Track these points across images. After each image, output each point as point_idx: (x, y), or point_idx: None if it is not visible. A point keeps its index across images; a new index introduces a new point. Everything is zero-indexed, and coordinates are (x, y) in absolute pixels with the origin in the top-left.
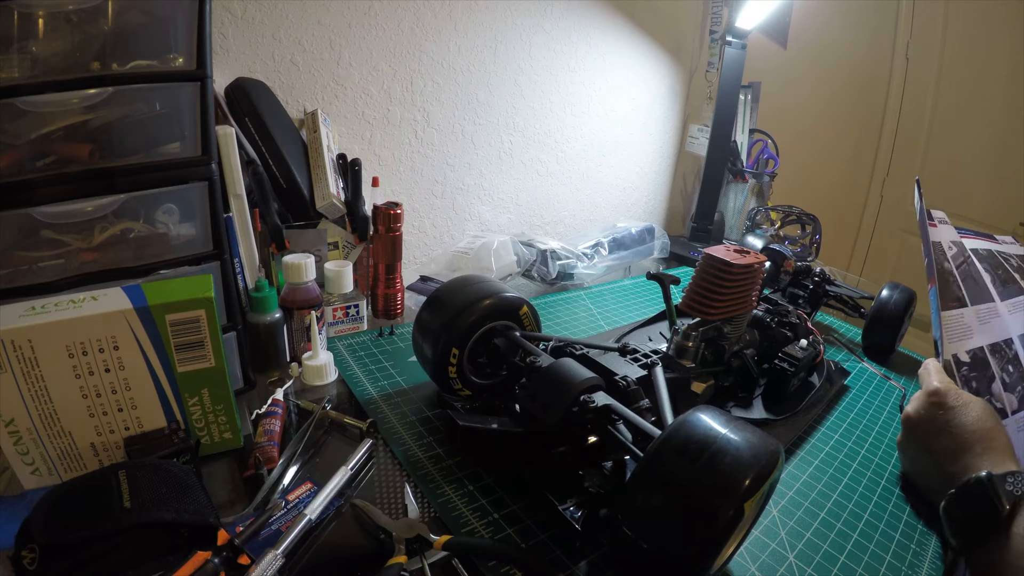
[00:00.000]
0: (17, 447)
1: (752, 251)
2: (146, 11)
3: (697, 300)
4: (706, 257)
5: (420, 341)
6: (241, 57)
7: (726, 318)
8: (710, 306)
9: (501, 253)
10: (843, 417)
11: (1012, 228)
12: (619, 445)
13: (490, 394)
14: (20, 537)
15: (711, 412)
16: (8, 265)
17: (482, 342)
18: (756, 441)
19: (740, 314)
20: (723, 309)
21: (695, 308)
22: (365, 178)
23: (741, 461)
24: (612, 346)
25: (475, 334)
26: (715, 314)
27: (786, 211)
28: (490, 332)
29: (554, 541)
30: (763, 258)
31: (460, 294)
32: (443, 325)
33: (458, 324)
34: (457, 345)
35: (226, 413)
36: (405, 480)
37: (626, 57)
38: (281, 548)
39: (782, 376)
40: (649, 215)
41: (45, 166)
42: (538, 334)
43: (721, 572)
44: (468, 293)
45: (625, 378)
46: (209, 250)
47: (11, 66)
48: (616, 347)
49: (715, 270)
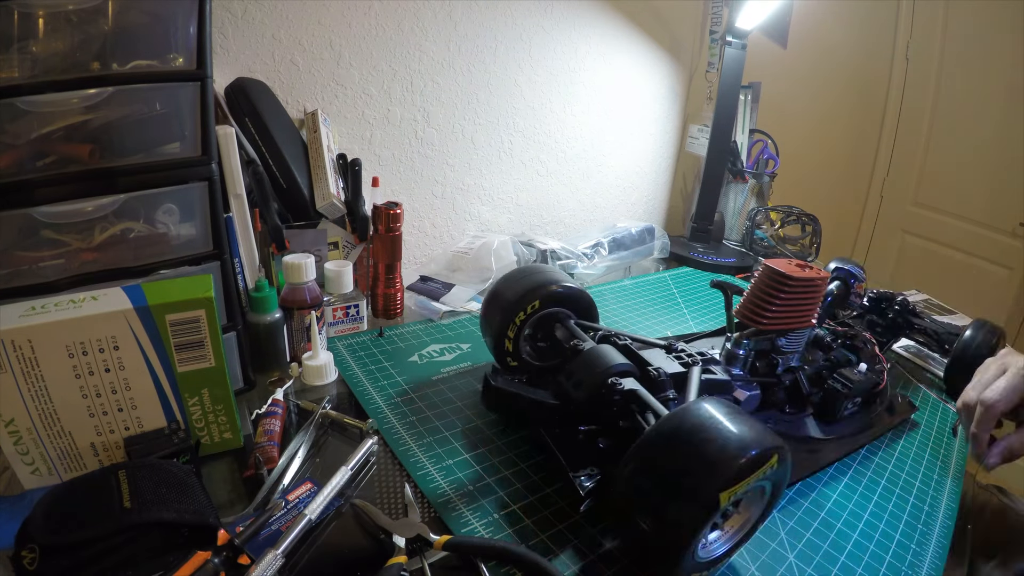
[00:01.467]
0: (17, 447)
1: (816, 267)
2: (146, 11)
3: (751, 309)
4: (765, 268)
5: (487, 310)
6: (241, 57)
7: (781, 331)
8: (762, 315)
9: (501, 253)
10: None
11: (1012, 228)
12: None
13: (540, 374)
14: (20, 537)
15: (715, 402)
16: (8, 265)
17: (542, 325)
18: (751, 434)
19: (797, 329)
20: (776, 320)
21: (749, 317)
22: (365, 178)
23: (729, 446)
24: (658, 342)
25: (532, 317)
26: (768, 325)
27: (786, 211)
28: (550, 317)
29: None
30: (825, 275)
31: (531, 277)
32: (501, 309)
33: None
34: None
35: (226, 413)
36: (405, 480)
37: (626, 57)
38: (281, 548)
39: (834, 396)
40: (649, 215)
41: (45, 166)
42: (591, 324)
43: (719, 572)
44: (536, 278)
45: (658, 369)
46: (209, 250)
47: (11, 66)
48: (663, 344)
49: (772, 281)
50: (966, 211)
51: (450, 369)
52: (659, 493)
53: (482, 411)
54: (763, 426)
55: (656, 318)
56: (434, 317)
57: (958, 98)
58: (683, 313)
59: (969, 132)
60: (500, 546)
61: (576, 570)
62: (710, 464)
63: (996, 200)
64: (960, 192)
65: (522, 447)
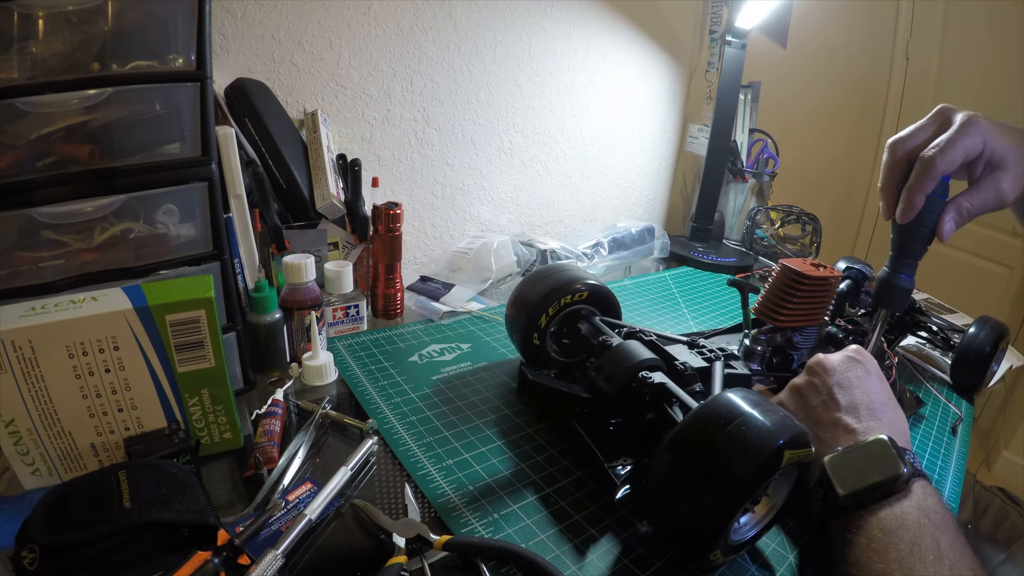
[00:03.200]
0: (17, 447)
1: (829, 267)
2: (146, 11)
3: (768, 307)
4: (782, 267)
5: (509, 322)
6: (241, 57)
7: (796, 327)
8: (780, 314)
9: (501, 253)
10: None
11: (1012, 227)
12: (671, 422)
13: (570, 370)
14: (20, 537)
15: (743, 393)
16: (8, 265)
17: (566, 323)
18: (778, 422)
19: (812, 326)
20: (792, 318)
21: (766, 314)
22: (365, 178)
23: (753, 437)
24: (681, 338)
25: (559, 315)
26: (784, 322)
27: (786, 211)
28: (575, 314)
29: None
30: (838, 274)
31: (550, 279)
32: (530, 307)
33: (548, 300)
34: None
35: (226, 413)
36: (405, 480)
37: (626, 57)
38: (281, 548)
39: None
40: (649, 215)
41: (45, 166)
42: (616, 321)
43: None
44: (555, 279)
45: (684, 363)
46: (209, 250)
47: (11, 66)
48: (685, 340)
49: (788, 280)
50: None
51: (450, 369)
52: (698, 477)
53: (483, 411)
54: (789, 415)
55: (656, 318)
56: (434, 317)
57: (958, 98)
58: (683, 313)
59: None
60: (500, 546)
61: (576, 569)
62: (747, 449)
63: None
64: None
65: (522, 447)
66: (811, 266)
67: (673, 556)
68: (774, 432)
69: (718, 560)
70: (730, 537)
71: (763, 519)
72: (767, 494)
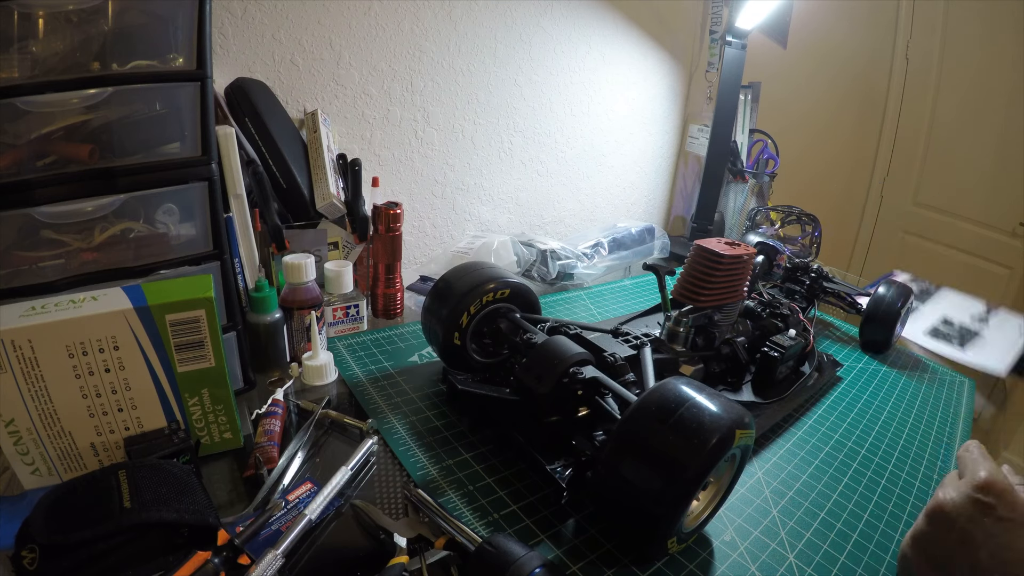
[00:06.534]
0: (17, 447)
1: (743, 244)
2: (146, 11)
3: (688, 288)
4: (697, 248)
5: (428, 320)
6: (241, 57)
7: (716, 306)
8: (700, 294)
9: (501, 253)
10: (842, 416)
11: (1012, 228)
12: (606, 415)
13: (492, 371)
14: (20, 537)
15: (684, 381)
16: (8, 265)
17: (486, 322)
18: (722, 406)
19: (730, 303)
20: (713, 297)
21: (686, 296)
22: (365, 178)
23: (705, 422)
24: (604, 328)
25: (479, 313)
26: (705, 302)
27: (786, 211)
28: (493, 313)
29: (541, 504)
30: (752, 250)
31: (467, 277)
32: (451, 305)
33: (463, 303)
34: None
35: (226, 413)
36: (405, 480)
37: (626, 57)
38: (281, 548)
39: (770, 362)
40: (649, 215)
41: (45, 166)
42: (536, 316)
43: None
44: (474, 276)
45: (613, 355)
46: (209, 250)
47: (11, 66)
48: (608, 329)
49: (705, 260)
50: (966, 211)
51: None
52: (646, 471)
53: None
54: (725, 397)
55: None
56: None
57: (958, 98)
58: None
59: (969, 132)
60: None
61: (576, 569)
62: (694, 437)
63: (996, 200)
64: (960, 192)
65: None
66: (726, 245)
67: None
68: (719, 416)
69: (674, 547)
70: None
71: (711, 503)
72: (712, 480)
